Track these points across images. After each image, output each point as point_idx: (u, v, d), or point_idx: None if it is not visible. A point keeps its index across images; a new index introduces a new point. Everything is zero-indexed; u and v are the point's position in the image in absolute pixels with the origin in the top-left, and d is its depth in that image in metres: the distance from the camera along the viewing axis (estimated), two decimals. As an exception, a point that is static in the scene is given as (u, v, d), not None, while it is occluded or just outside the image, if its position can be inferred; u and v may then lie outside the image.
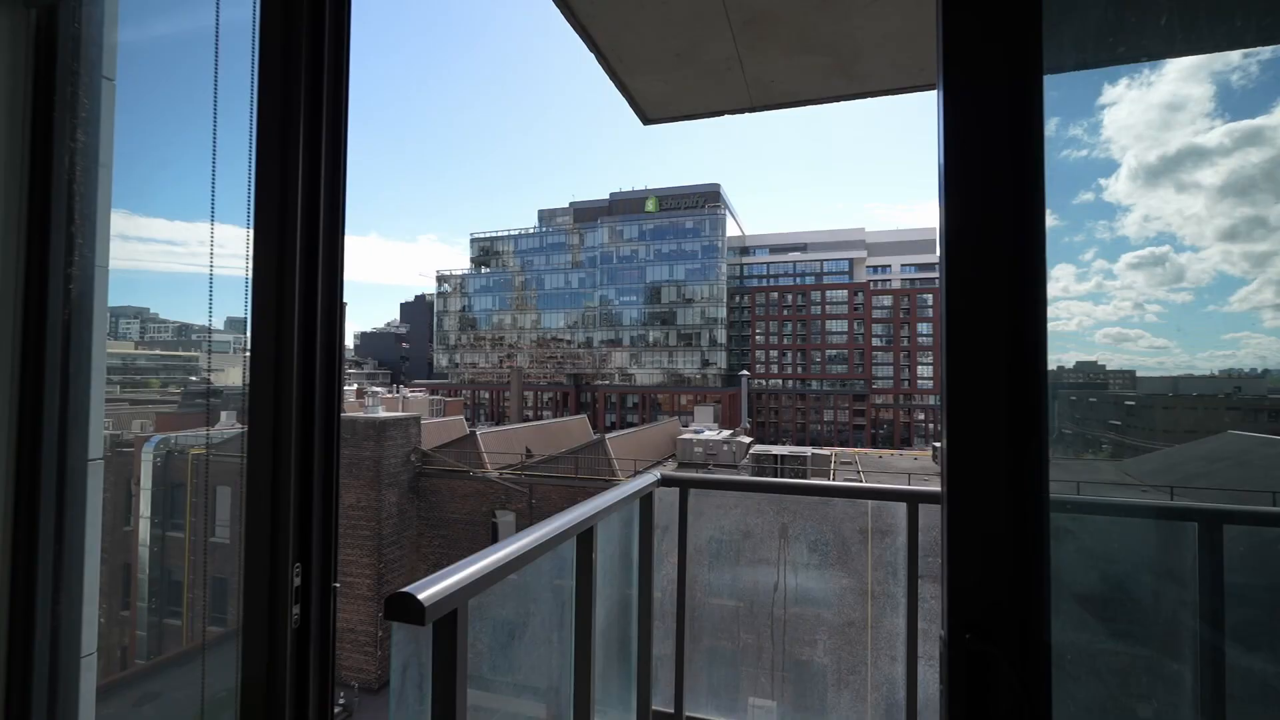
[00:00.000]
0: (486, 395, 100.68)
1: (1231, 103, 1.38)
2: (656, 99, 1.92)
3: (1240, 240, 1.49)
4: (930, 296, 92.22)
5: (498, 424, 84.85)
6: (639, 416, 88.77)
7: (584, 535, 1.76)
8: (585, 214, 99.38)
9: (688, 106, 1.90)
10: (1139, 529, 1.78)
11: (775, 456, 21.32)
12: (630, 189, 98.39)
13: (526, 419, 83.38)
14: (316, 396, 1.57)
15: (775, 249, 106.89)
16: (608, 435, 24.37)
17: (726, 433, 29.67)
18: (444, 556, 21.10)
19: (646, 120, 2.05)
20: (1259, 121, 1.38)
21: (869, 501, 2.44)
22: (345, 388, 47.35)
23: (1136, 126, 1.45)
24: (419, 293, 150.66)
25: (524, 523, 20.24)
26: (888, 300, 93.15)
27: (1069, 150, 1.43)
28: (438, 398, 73.97)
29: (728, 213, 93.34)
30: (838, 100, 1.68)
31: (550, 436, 28.73)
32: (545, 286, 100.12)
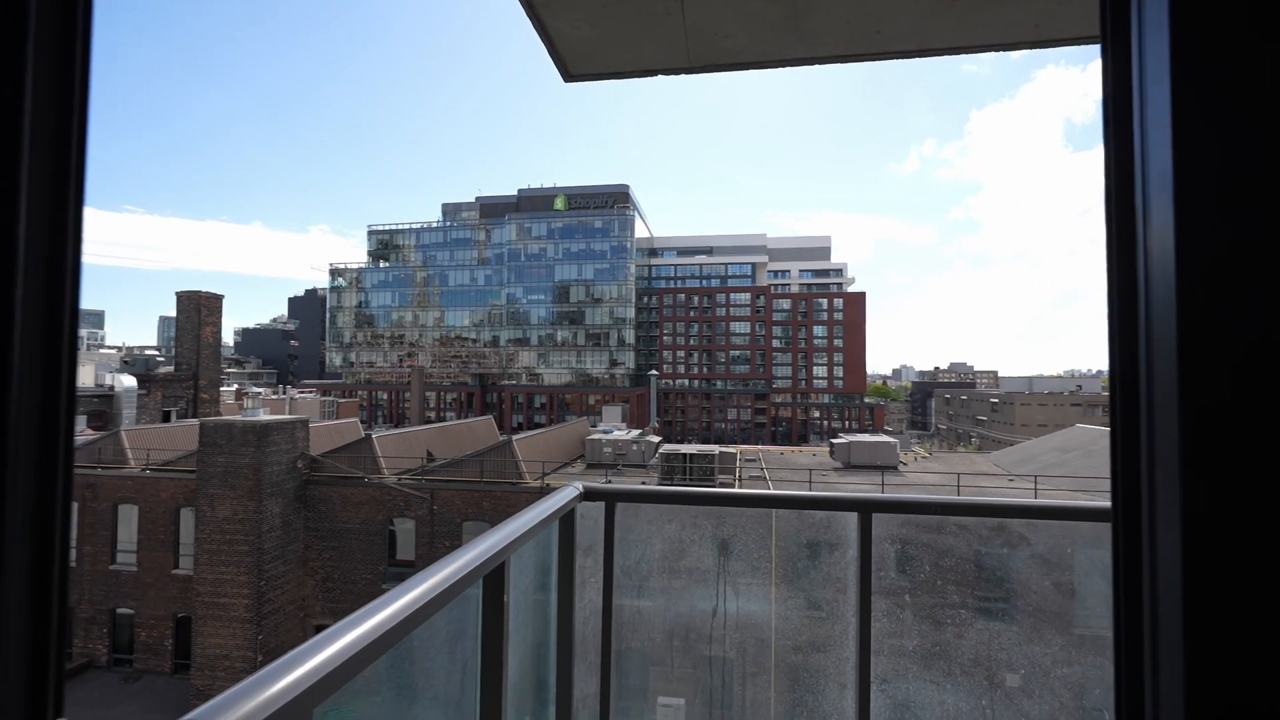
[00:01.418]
0: (385, 396, 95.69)
1: None
2: (580, 48, 1.67)
3: None
4: (825, 300, 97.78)
5: (397, 426, 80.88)
6: (547, 417, 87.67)
7: (493, 574, 1.46)
8: (492, 210, 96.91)
9: (616, 60, 1.67)
10: None
11: (684, 455, 21.68)
12: (539, 186, 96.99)
13: (428, 421, 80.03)
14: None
15: (682, 251, 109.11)
16: (515, 437, 23.84)
17: (635, 432, 29.90)
18: (335, 570, 19.78)
19: (569, 76, 1.77)
20: None
21: (817, 512, 2.25)
22: (223, 389, 43.33)
23: None
24: (310, 287, 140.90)
25: (424, 530, 19.38)
26: (787, 304, 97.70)
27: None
28: (330, 399, 69.51)
29: (636, 214, 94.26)
30: (782, 64, 1.51)
31: (454, 439, 27.70)
32: (449, 283, 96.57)
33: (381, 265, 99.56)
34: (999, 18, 1.28)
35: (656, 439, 27.71)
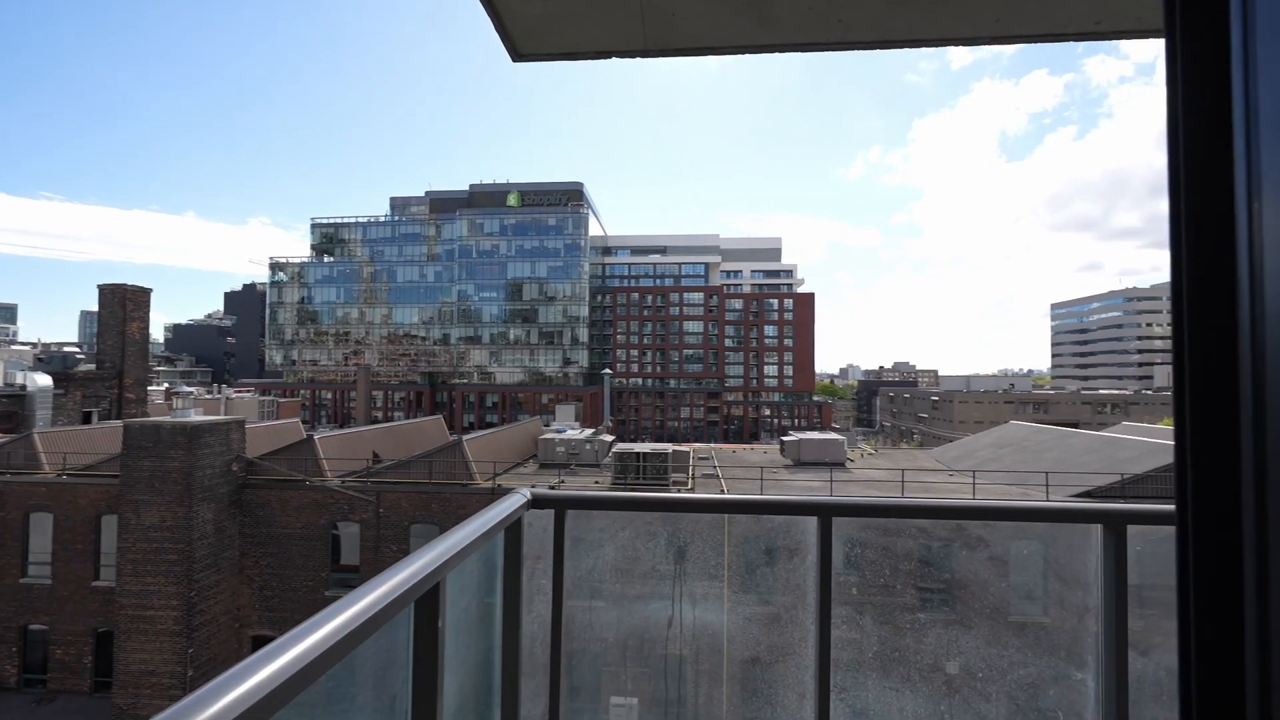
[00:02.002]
0: (329, 396, 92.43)
1: None
2: (529, 25, 1.57)
3: None
4: (776, 301, 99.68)
5: (342, 427, 78.21)
6: (499, 416, 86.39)
7: (426, 597, 1.29)
8: (443, 205, 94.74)
9: (567, 39, 1.56)
10: None
11: (637, 454, 21.66)
12: (492, 181, 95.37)
13: (375, 421, 77.69)
14: None
15: (636, 250, 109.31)
16: (465, 436, 23.32)
17: (589, 431, 29.73)
18: (274, 577, 18.92)
19: (517, 55, 1.66)
20: None
21: (775, 516, 2.16)
22: (152, 388, 40.88)
23: None
24: (249, 281, 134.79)
25: (370, 534, 18.75)
26: (739, 303, 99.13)
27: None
28: (270, 399, 66.56)
29: (591, 212, 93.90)
30: (742, 50, 1.43)
31: (401, 439, 26.92)
32: (398, 279, 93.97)
33: (326, 260, 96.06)
34: (962, 11, 1.26)
35: (610, 438, 27.63)
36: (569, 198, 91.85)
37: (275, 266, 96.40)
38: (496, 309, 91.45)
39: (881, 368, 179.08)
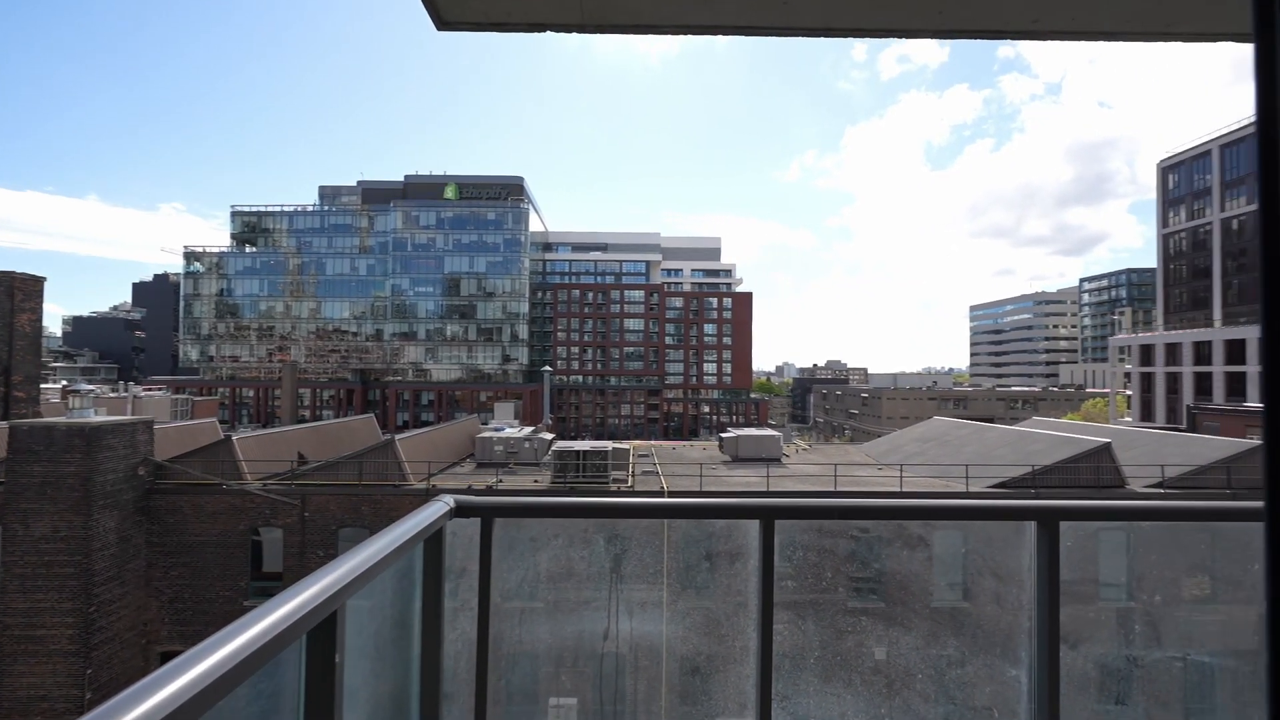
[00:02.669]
0: (251, 394, 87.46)
1: None
2: None
3: None
4: (715, 300, 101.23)
5: (265, 426, 74.19)
6: (435, 415, 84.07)
7: (321, 628, 1.11)
8: (376, 195, 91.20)
9: (496, 9, 1.43)
10: None
11: (577, 452, 21.47)
12: (428, 173, 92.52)
13: (302, 420, 74.20)
14: None
15: (578, 247, 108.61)
16: (399, 436, 22.48)
17: (529, 429, 29.27)
18: (186, 589, 17.69)
19: (441, 24, 1.51)
20: None
21: (717, 520, 2.08)
22: (46, 386, 37.43)
23: None
24: (160, 271, 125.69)
25: (294, 540, 17.81)
26: (679, 302, 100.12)
27: None
28: (184, 397, 62.30)
29: (531, 207, 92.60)
30: (684, 30, 1.34)
31: (330, 439, 25.71)
32: (327, 272, 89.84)
33: (248, 250, 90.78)
34: (903, 1, 1.22)
35: (550, 436, 27.30)
36: (509, 192, 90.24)
37: (191, 256, 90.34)
38: (433, 304, 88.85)
39: (815, 366, 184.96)
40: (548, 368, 46.52)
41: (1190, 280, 61.04)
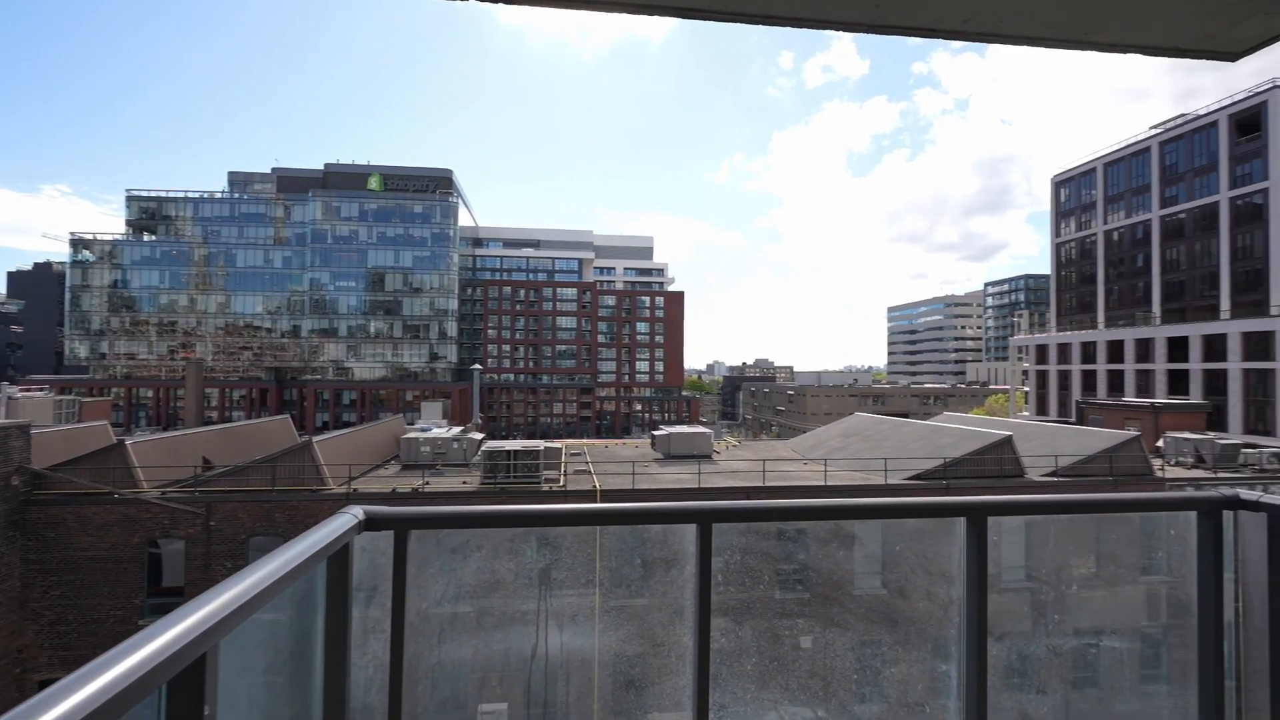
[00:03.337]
0: (150, 394, 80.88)
1: None
2: None
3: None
4: (648, 299, 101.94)
5: (166, 429, 68.76)
6: (358, 415, 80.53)
7: (185, 676, 0.94)
8: (292, 184, 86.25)
9: None
10: None
11: (508, 452, 21.06)
12: (350, 162, 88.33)
13: (209, 422, 69.21)
14: None
15: (509, 243, 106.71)
16: (316, 437, 21.36)
17: (457, 429, 28.48)
18: (70, 609, 16.15)
19: None
20: None
21: (652, 525, 1.99)
22: (-102, 387, 33.15)
23: None
24: (42, 260, 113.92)
25: (198, 551, 16.59)
26: (612, 300, 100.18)
27: None
28: (71, 398, 56.78)
29: (460, 201, 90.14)
30: (611, 9, 1.27)
31: (240, 442, 24.11)
32: (238, 264, 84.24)
33: (146, 238, 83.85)
34: None
35: (479, 436, 26.68)
36: (437, 184, 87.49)
37: (79, 244, 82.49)
38: (355, 300, 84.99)
39: (744, 364, 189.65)
40: (477, 366, 45.44)
41: (1078, 286, 66.62)
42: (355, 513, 1.59)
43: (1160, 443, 28.43)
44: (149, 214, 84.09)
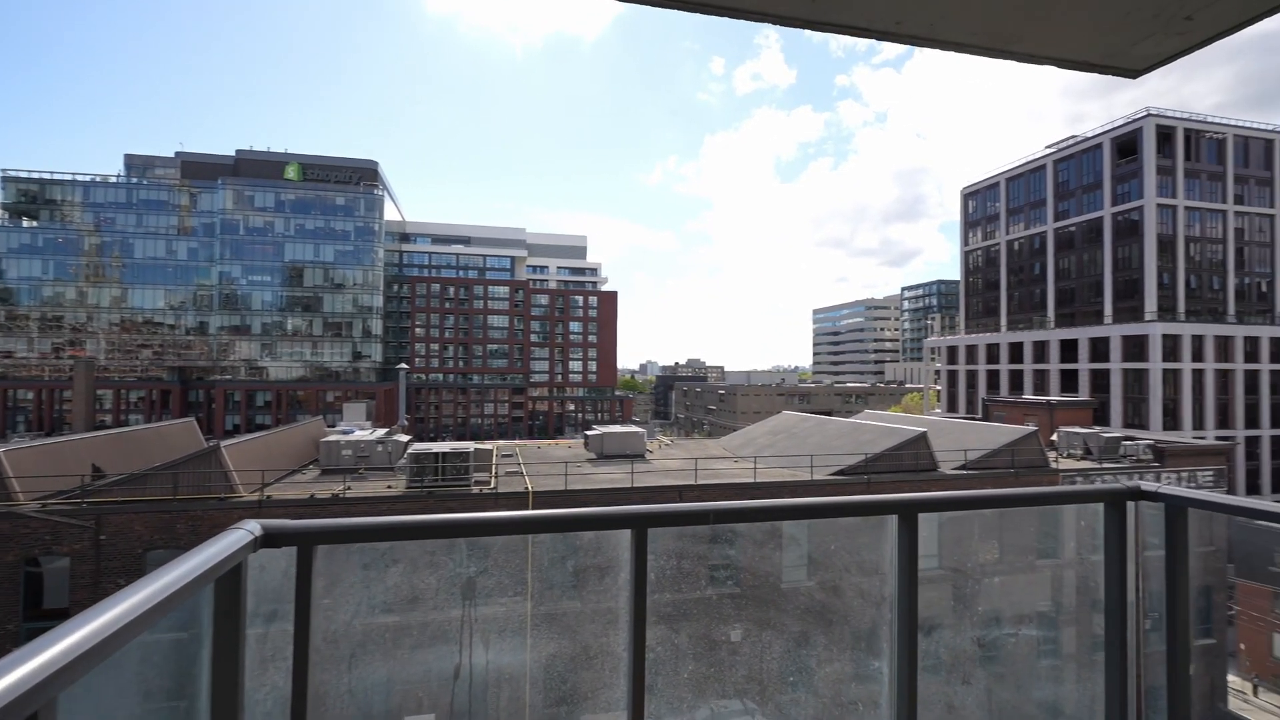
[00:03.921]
0: (30, 396, 73.30)
1: None
2: None
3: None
4: (581, 298, 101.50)
5: (49, 434, 62.46)
6: (273, 417, 76.00)
7: None
8: (200, 170, 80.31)
9: None
10: None
11: (436, 454, 20.41)
12: (265, 149, 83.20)
13: (102, 426, 63.44)
14: None
15: (438, 239, 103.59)
16: (225, 442, 19.98)
17: (381, 431, 27.36)
18: (-69, 635, 14.41)
19: None
20: None
21: (585, 533, 1.88)
22: None
23: None
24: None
25: (86, 569, 15.16)
26: (545, 299, 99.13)
27: None
28: (-70, 402, 50.69)
29: (386, 194, 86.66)
30: None
31: (137, 447, 22.21)
32: (136, 254, 77.61)
33: (26, 224, 75.82)
34: None
35: (406, 438, 25.73)
36: (361, 176, 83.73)
37: (-60, 228, 73.70)
38: (271, 295, 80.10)
39: (676, 364, 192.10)
40: (404, 365, 43.82)
41: (984, 292, 71.44)
42: (250, 528, 1.42)
43: (1054, 437, 30.88)
44: (29, 198, 76.19)
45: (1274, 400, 51.89)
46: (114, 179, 78.38)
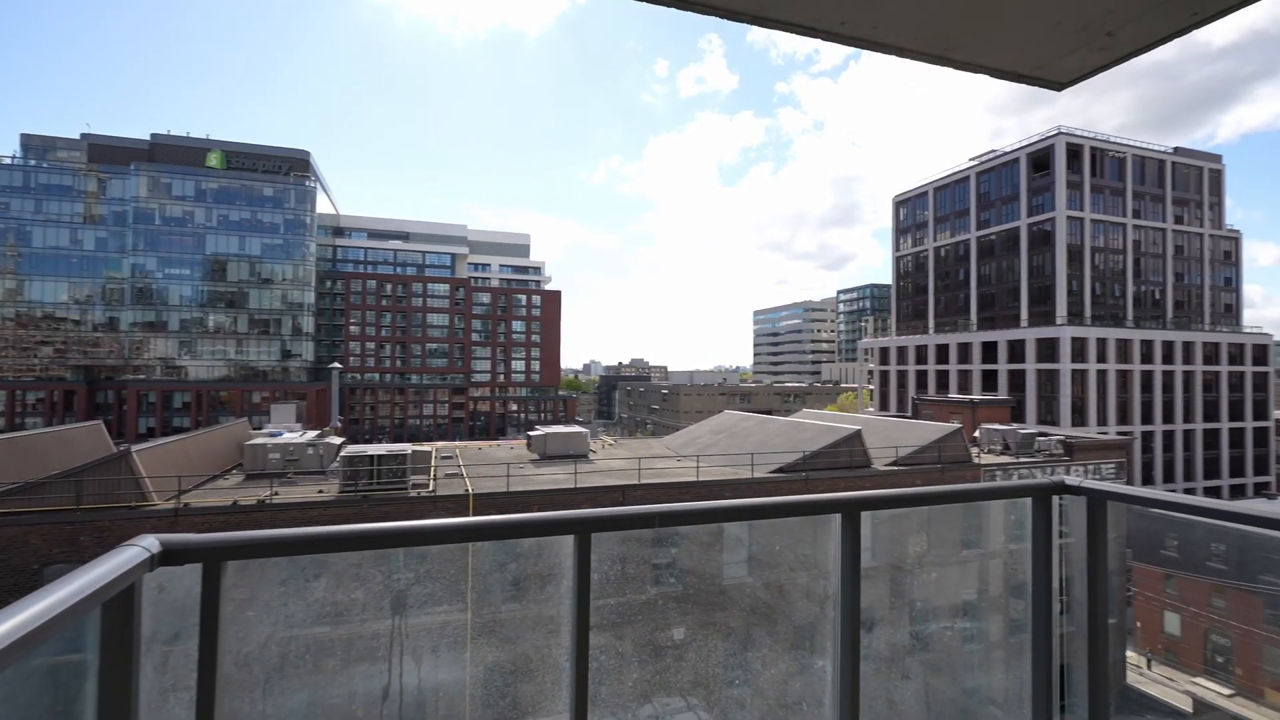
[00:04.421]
0: (-96, 398, 66.27)
1: None
2: None
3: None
4: (524, 297, 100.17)
5: (-71, 441, 56.67)
6: (192, 419, 71.53)
7: None
8: (109, 154, 74.64)
9: None
10: None
11: (371, 457, 19.66)
12: (185, 134, 78.12)
13: (-10, 431, 58.14)
14: None
15: (375, 234, 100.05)
16: (138, 446, 18.62)
17: (313, 433, 26.16)
18: None
19: None
20: None
21: (524, 540, 1.81)
22: None
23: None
24: None
25: (-28, 584, 13.81)
26: (486, 298, 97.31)
27: None
28: None
29: (319, 186, 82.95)
30: None
31: (33, 453, 20.36)
32: (35, 243, 71.39)
33: (-101, 207, 68.50)
34: None
35: (339, 440, 24.69)
36: (291, 166, 79.85)
37: None
38: (190, 290, 75.30)
39: (620, 364, 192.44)
40: (337, 364, 42.01)
41: (914, 295, 74.89)
42: (147, 544, 1.27)
43: (977, 433, 32.67)
44: (-94, 178, 68.88)
45: (1166, 398, 56.62)
46: (8, 160, 71.84)
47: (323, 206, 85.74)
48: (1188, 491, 52.95)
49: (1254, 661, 2.23)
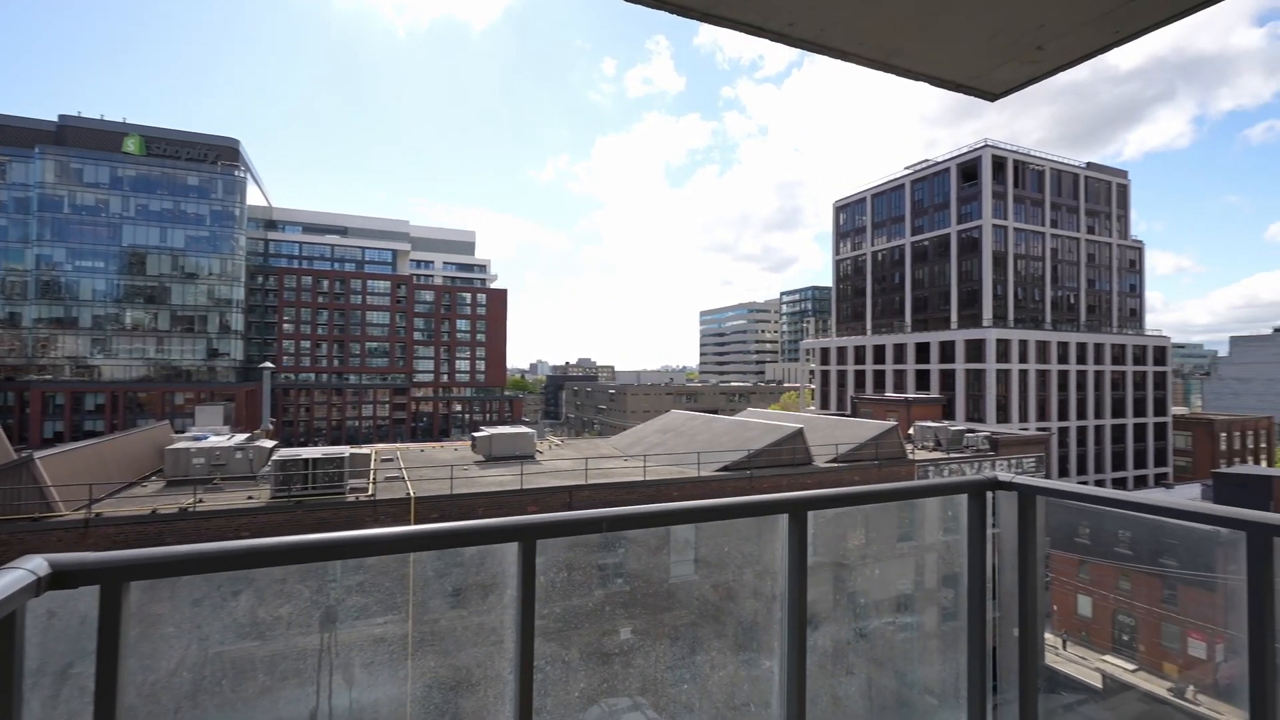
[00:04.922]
0: None
1: None
2: None
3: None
4: (469, 295, 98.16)
5: None
6: (106, 423, 66.76)
7: None
8: (9, 135, 68.75)
9: None
10: None
11: (305, 460, 18.81)
12: (99, 116, 72.78)
13: None
14: None
15: (310, 228, 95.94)
16: (42, 453, 17.22)
17: (242, 437, 24.84)
18: None
19: None
20: None
21: (467, 549, 1.71)
22: None
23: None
24: None
25: None
26: (430, 296, 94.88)
27: None
28: None
29: (250, 176, 78.87)
30: None
31: (-82, 462, 18.55)
32: (-82, 231, 65.09)
33: None
34: None
35: (270, 443, 23.54)
36: (219, 154, 75.61)
37: None
38: (104, 284, 70.28)
39: (567, 363, 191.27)
40: (269, 364, 40.02)
41: (853, 298, 77.52)
42: (33, 566, 1.15)
43: (911, 430, 34.11)
44: None
45: (1079, 396, 60.65)
46: (-111, 139, 65.19)
47: (254, 198, 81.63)
48: (1098, 482, 57.04)
49: (1154, 638, 2.39)
